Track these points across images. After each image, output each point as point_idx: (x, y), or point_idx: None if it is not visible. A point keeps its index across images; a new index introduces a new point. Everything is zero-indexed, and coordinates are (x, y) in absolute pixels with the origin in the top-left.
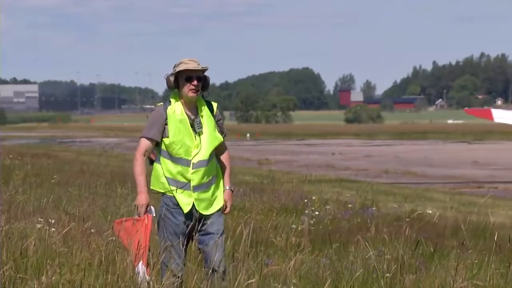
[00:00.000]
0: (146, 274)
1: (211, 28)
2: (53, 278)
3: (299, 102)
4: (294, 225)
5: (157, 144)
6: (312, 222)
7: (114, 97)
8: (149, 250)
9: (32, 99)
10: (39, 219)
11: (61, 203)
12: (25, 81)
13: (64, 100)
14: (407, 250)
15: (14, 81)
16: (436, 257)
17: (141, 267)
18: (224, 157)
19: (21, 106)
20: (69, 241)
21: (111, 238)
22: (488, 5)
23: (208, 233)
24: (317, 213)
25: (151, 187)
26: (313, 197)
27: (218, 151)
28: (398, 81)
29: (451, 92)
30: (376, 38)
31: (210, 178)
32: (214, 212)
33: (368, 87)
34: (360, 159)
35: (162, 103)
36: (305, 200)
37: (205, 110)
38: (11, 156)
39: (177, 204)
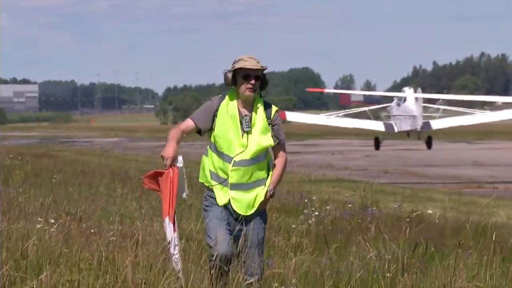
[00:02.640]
0: (172, 231)
1: (211, 28)
2: (53, 278)
3: (299, 102)
4: (294, 225)
5: (199, 133)
6: (311, 222)
7: (114, 97)
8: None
9: (32, 99)
10: (39, 219)
11: (61, 203)
12: (25, 81)
13: (64, 100)
14: (407, 250)
15: (14, 81)
16: (436, 257)
17: (167, 223)
18: (277, 161)
19: (21, 106)
20: (69, 241)
21: (111, 238)
22: (488, 5)
23: (247, 239)
24: (317, 213)
25: (199, 180)
26: (313, 197)
27: (274, 155)
28: (398, 81)
29: (451, 92)
30: (376, 38)
31: (253, 180)
32: (252, 214)
33: (368, 87)
34: (360, 159)
35: (221, 95)
36: (305, 200)
37: (260, 111)
38: (11, 156)
39: (215, 198)
